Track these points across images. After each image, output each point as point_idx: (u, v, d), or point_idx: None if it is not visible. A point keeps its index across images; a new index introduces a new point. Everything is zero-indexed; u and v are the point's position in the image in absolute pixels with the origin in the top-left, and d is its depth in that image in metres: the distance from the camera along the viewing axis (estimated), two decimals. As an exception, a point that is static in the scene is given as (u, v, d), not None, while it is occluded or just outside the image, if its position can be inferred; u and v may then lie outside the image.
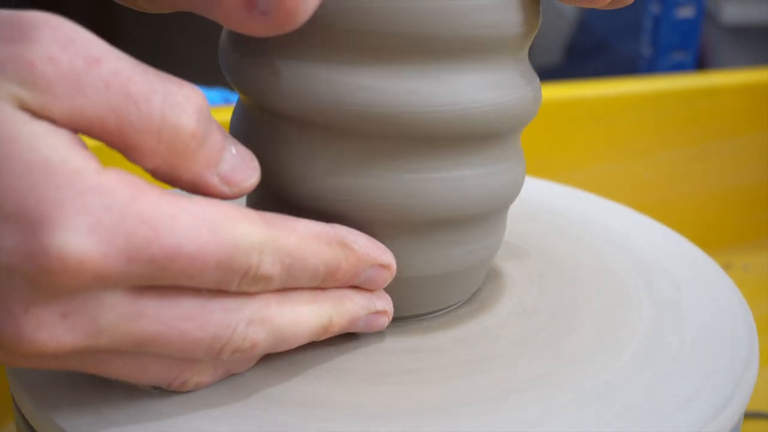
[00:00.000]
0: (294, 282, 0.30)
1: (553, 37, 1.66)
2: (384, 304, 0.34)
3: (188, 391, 0.31)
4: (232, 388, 0.32)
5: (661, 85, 0.76)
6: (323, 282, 0.31)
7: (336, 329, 0.32)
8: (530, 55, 0.36)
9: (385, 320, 0.34)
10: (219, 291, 0.29)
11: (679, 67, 1.10)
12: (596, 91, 0.73)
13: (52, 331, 0.26)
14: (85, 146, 0.27)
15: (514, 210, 0.40)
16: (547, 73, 1.15)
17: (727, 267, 0.71)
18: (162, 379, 0.30)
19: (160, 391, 0.31)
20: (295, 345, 0.31)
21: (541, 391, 0.33)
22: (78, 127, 0.27)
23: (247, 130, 0.35)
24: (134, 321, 0.27)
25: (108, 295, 0.27)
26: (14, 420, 0.35)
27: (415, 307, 0.37)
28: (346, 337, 0.35)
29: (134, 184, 0.27)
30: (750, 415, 0.55)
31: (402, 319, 0.37)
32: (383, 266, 0.33)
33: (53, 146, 0.26)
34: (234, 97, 0.68)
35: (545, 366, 0.34)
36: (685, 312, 0.38)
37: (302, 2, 0.28)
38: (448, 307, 0.38)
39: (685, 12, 1.10)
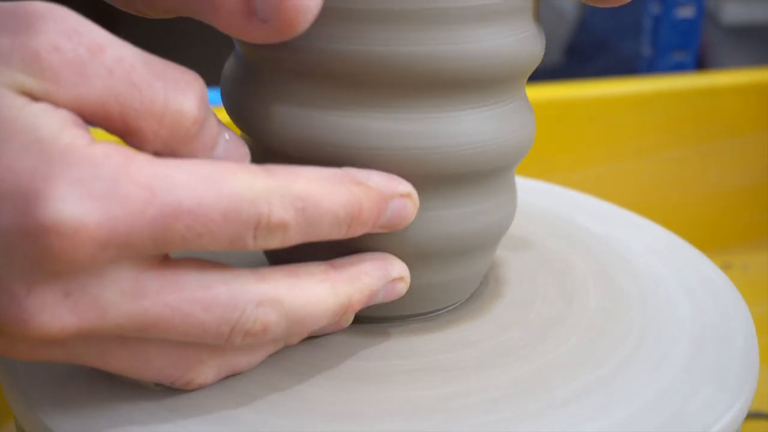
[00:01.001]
0: (315, 231, 0.29)
1: (553, 37, 1.66)
2: (399, 269, 0.33)
3: (192, 390, 0.31)
4: (229, 390, 0.32)
5: (661, 85, 0.76)
6: (349, 228, 0.30)
7: (357, 307, 0.32)
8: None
9: (403, 286, 0.33)
10: (226, 271, 0.28)
11: (679, 67, 1.10)
12: (596, 91, 0.73)
13: (56, 311, 0.26)
14: (80, 124, 0.27)
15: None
16: (547, 73, 1.15)
17: (727, 267, 0.71)
18: (166, 375, 0.30)
19: (164, 390, 0.31)
20: (314, 327, 0.31)
21: (541, 391, 0.33)
22: (82, 113, 0.27)
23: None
24: (137, 301, 0.27)
25: (110, 271, 0.27)
26: (14, 420, 0.35)
27: (416, 306, 0.37)
28: (345, 337, 0.35)
29: (124, 152, 0.27)
30: (750, 415, 0.55)
31: (402, 318, 0.37)
32: (404, 196, 0.32)
33: (48, 125, 0.26)
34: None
35: (544, 366, 0.34)
36: (685, 313, 0.38)
37: (303, 11, 0.28)
38: (449, 306, 0.38)
39: (685, 12, 1.10)
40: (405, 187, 0.32)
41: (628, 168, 0.74)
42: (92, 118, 0.27)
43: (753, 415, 0.55)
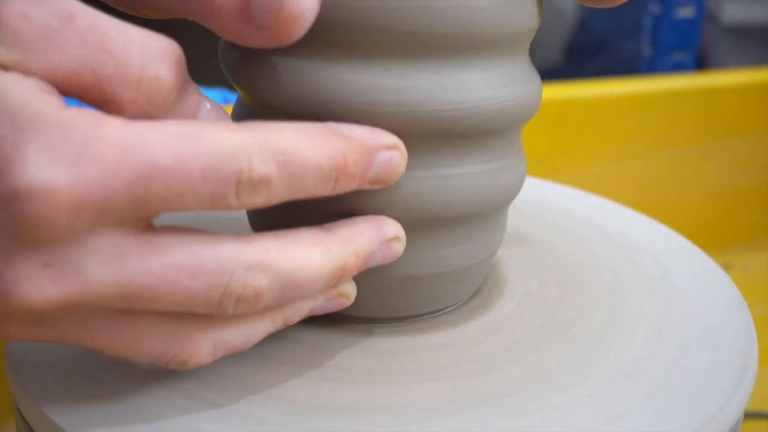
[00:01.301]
0: (300, 186, 0.28)
1: (553, 37, 1.66)
2: (394, 229, 0.32)
3: (187, 370, 0.30)
4: (233, 386, 0.32)
5: (661, 85, 0.76)
6: (337, 183, 0.29)
7: (354, 270, 0.31)
8: (530, 54, 0.36)
9: (399, 247, 0.32)
10: (212, 237, 0.28)
11: (679, 67, 1.10)
12: (596, 91, 0.73)
13: (36, 282, 0.26)
14: (51, 91, 0.26)
15: (514, 209, 0.40)
16: (547, 73, 1.15)
17: (727, 267, 0.71)
18: (159, 355, 0.29)
19: (160, 372, 0.31)
20: (311, 292, 0.30)
21: (542, 390, 0.33)
22: (55, 83, 0.26)
23: None
24: (120, 269, 0.26)
25: (91, 239, 0.26)
26: (14, 420, 0.35)
27: (416, 307, 0.37)
28: (345, 337, 0.35)
29: (96, 116, 0.26)
30: (750, 415, 0.55)
31: (403, 318, 0.37)
32: (391, 147, 0.31)
33: (18, 93, 0.26)
34: (233, 97, 0.68)
35: (545, 366, 0.34)
36: (685, 312, 0.38)
37: (299, 19, 0.28)
38: (449, 306, 0.38)
39: (685, 12, 1.10)
40: (390, 138, 0.31)
41: (628, 168, 0.74)
42: (67, 87, 0.27)
43: (753, 415, 0.55)
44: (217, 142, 0.26)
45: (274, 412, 0.31)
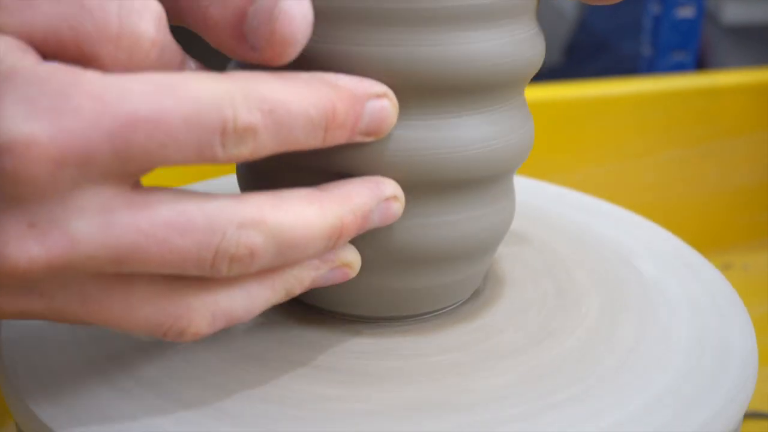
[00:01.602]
0: (288, 136, 0.28)
1: (553, 37, 1.66)
2: (392, 188, 0.31)
3: (186, 341, 0.29)
4: (221, 384, 0.32)
5: (661, 85, 0.76)
6: (327, 133, 0.29)
7: (352, 230, 0.30)
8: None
9: (398, 206, 0.32)
10: (203, 195, 0.27)
11: (679, 67, 1.10)
12: (596, 91, 0.73)
13: (22, 243, 0.25)
14: (26, 48, 0.26)
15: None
16: (547, 73, 1.15)
17: (727, 267, 0.71)
18: (155, 325, 0.28)
19: (160, 344, 0.30)
20: (308, 251, 0.29)
21: (541, 389, 0.33)
22: (33, 42, 0.26)
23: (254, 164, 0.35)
24: (108, 229, 0.26)
25: (76, 198, 0.26)
26: (14, 419, 0.35)
27: (415, 306, 0.37)
28: (341, 336, 0.35)
29: (72, 69, 0.25)
30: (750, 415, 0.55)
31: (401, 318, 0.37)
32: (380, 96, 0.30)
33: None
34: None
35: (543, 367, 0.34)
36: (684, 313, 0.38)
37: (290, 44, 0.28)
38: (448, 306, 0.38)
39: (685, 12, 1.10)
40: (380, 87, 0.30)
41: (628, 168, 0.74)
42: (45, 46, 0.26)
43: (753, 415, 0.55)
44: (198, 90, 0.26)
45: (262, 411, 0.31)
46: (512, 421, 0.31)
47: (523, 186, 0.49)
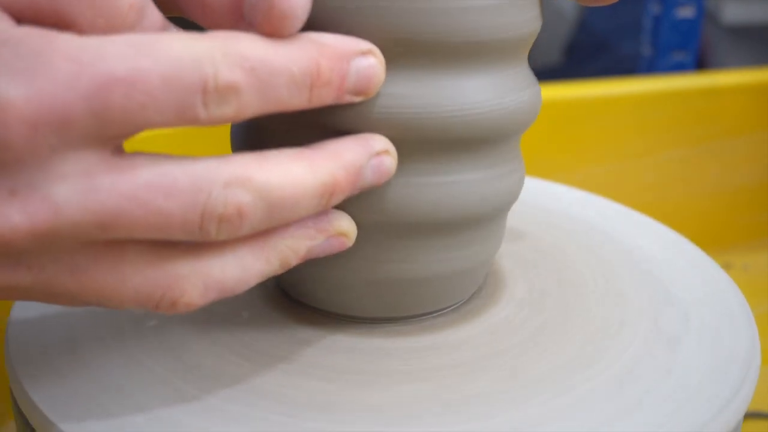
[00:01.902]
0: (272, 95, 0.27)
1: (553, 37, 1.66)
2: (383, 143, 0.31)
3: (179, 313, 0.29)
4: (219, 381, 0.32)
5: (661, 85, 0.76)
6: (312, 92, 0.28)
7: (344, 187, 0.29)
8: (530, 54, 0.36)
9: (390, 161, 0.31)
10: (186, 157, 0.26)
11: (679, 67, 1.10)
12: (596, 91, 0.73)
13: (3, 211, 0.25)
14: (2, 14, 0.25)
15: (514, 210, 0.40)
16: (547, 73, 1.15)
17: (727, 267, 0.71)
18: (146, 296, 0.28)
19: (155, 317, 0.30)
20: (299, 210, 0.28)
21: (542, 390, 0.33)
22: (11, 11, 0.26)
23: (248, 134, 0.35)
24: (90, 194, 0.25)
25: (57, 164, 0.25)
26: (14, 419, 0.35)
27: (414, 307, 0.37)
28: (339, 336, 0.35)
29: (47, 31, 0.25)
30: (750, 415, 0.55)
31: (400, 319, 0.37)
32: (366, 53, 0.30)
33: None
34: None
35: (544, 366, 0.34)
36: (686, 312, 0.38)
37: (289, 17, 0.27)
38: (448, 306, 0.38)
39: (685, 12, 1.09)
40: (365, 44, 0.30)
41: (628, 168, 0.74)
42: (23, 15, 0.26)
43: (753, 415, 0.55)
44: (176, 49, 0.25)
45: (258, 408, 0.31)
46: (511, 421, 0.31)
47: (527, 186, 0.49)
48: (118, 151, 0.27)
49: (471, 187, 0.34)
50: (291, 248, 0.30)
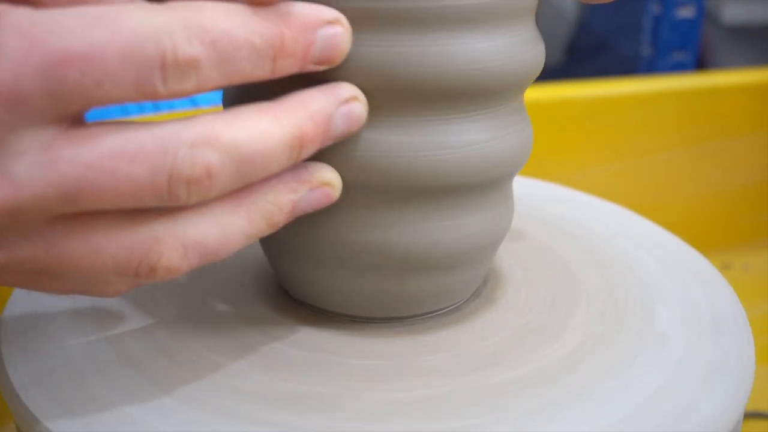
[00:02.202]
0: (234, 67, 0.26)
1: (553, 37, 1.66)
2: (350, 90, 0.30)
3: (161, 279, 0.28)
4: (226, 387, 0.32)
5: (661, 85, 0.76)
6: (276, 63, 0.27)
7: (314, 137, 0.29)
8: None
9: (360, 107, 0.30)
10: (149, 122, 0.26)
11: (679, 67, 1.10)
12: (596, 91, 0.73)
13: None
14: None
15: (515, 210, 0.40)
16: (547, 73, 1.15)
17: (726, 267, 0.71)
18: (123, 264, 0.27)
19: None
20: (270, 166, 0.28)
21: (541, 390, 0.33)
22: None
23: (240, 89, 0.34)
24: (51, 167, 0.25)
25: (13, 141, 0.25)
26: (14, 420, 0.35)
27: (416, 307, 0.37)
28: (337, 337, 0.35)
29: (0, 6, 0.25)
30: (750, 415, 0.55)
31: (400, 319, 0.37)
32: (333, 22, 0.29)
33: None
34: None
35: (544, 365, 0.34)
36: (683, 313, 0.38)
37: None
38: (448, 307, 0.38)
39: (685, 12, 1.10)
40: (333, 13, 0.29)
41: (628, 168, 0.74)
42: None
43: (753, 415, 0.55)
44: (134, 23, 0.25)
45: (256, 408, 0.31)
46: (511, 421, 0.31)
47: (524, 185, 0.49)
48: (79, 122, 0.26)
49: (474, 149, 0.33)
50: (273, 203, 0.29)
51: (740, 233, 0.77)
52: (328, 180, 0.30)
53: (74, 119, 0.26)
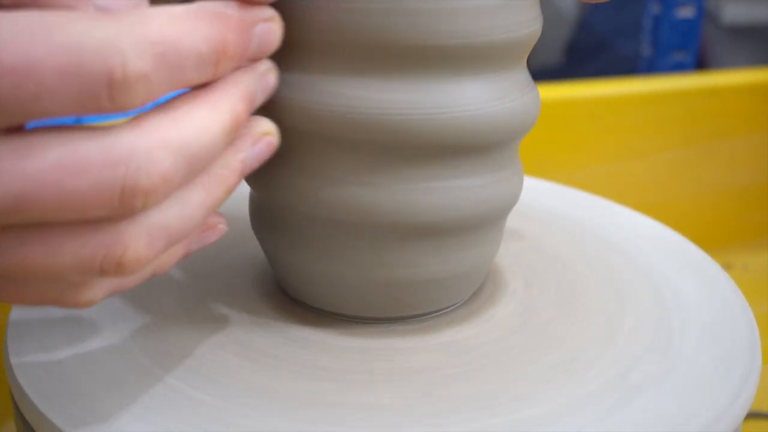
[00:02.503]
0: (180, 77, 0.26)
1: (553, 37, 1.66)
2: (267, 63, 0.30)
3: (130, 274, 0.26)
4: (215, 379, 0.32)
5: (661, 85, 0.76)
6: (217, 66, 0.27)
7: (245, 116, 0.28)
8: (530, 54, 0.36)
9: (272, 77, 0.30)
10: (94, 128, 0.25)
11: (679, 67, 1.10)
12: (596, 91, 0.73)
13: None
14: None
15: (515, 210, 0.40)
16: (547, 73, 1.15)
17: (727, 267, 0.71)
18: (86, 262, 0.26)
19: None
20: (214, 154, 0.27)
21: (541, 390, 0.33)
22: None
23: None
24: None
25: None
26: (14, 420, 0.35)
27: (413, 308, 0.37)
28: (336, 337, 0.35)
29: None
30: (750, 415, 0.55)
31: (399, 319, 0.37)
32: (268, 20, 0.29)
33: None
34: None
35: (544, 366, 0.34)
36: (687, 312, 0.38)
37: None
38: (447, 307, 0.38)
39: (685, 12, 1.10)
40: (269, 11, 0.29)
41: (628, 168, 0.74)
42: None
43: (753, 415, 0.55)
44: (77, 36, 0.23)
45: (255, 408, 0.31)
46: (510, 421, 0.31)
47: (524, 185, 0.49)
48: (19, 131, 0.25)
49: (470, 191, 0.34)
50: (225, 168, 0.28)
51: (741, 233, 0.77)
52: (266, 130, 0.30)
53: (15, 128, 0.25)
